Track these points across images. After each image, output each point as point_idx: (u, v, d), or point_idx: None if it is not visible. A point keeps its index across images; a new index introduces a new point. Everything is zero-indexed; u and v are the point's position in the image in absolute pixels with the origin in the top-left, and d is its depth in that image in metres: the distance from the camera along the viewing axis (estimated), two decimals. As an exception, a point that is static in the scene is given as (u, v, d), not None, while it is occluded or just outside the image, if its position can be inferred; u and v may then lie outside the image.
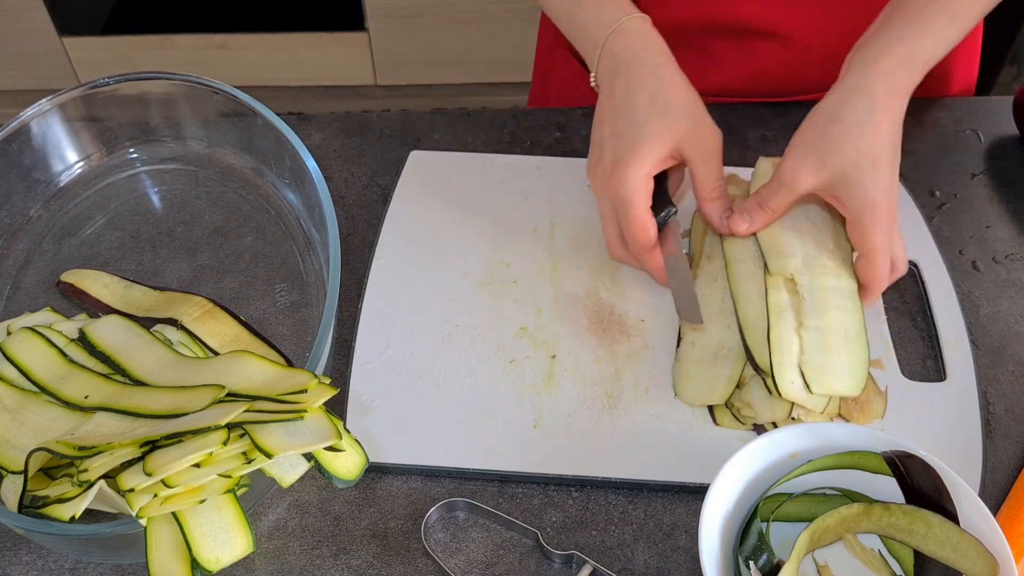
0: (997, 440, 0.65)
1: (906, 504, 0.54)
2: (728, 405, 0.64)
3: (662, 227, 0.68)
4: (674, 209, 0.68)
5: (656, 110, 0.65)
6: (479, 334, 0.68)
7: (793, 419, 0.62)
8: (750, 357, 0.63)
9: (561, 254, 0.74)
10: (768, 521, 0.54)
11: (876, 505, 0.55)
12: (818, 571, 0.57)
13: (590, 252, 0.74)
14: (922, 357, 0.69)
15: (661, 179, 0.68)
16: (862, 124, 0.61)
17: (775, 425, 0.63)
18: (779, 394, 0.61)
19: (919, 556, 0.55)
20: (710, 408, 0.65)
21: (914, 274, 0.73)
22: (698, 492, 0.60)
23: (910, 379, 0.67)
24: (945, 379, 0.67)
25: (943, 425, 0.64)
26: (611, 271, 0.73)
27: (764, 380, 0.62)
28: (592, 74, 0.70)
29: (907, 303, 0.72)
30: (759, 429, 0.63)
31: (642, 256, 0.67)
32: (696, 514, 0.55)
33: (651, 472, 0.61)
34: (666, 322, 0.70)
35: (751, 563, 0.52)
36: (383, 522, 0.61)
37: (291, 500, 0.61)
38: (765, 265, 0.66)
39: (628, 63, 0.67)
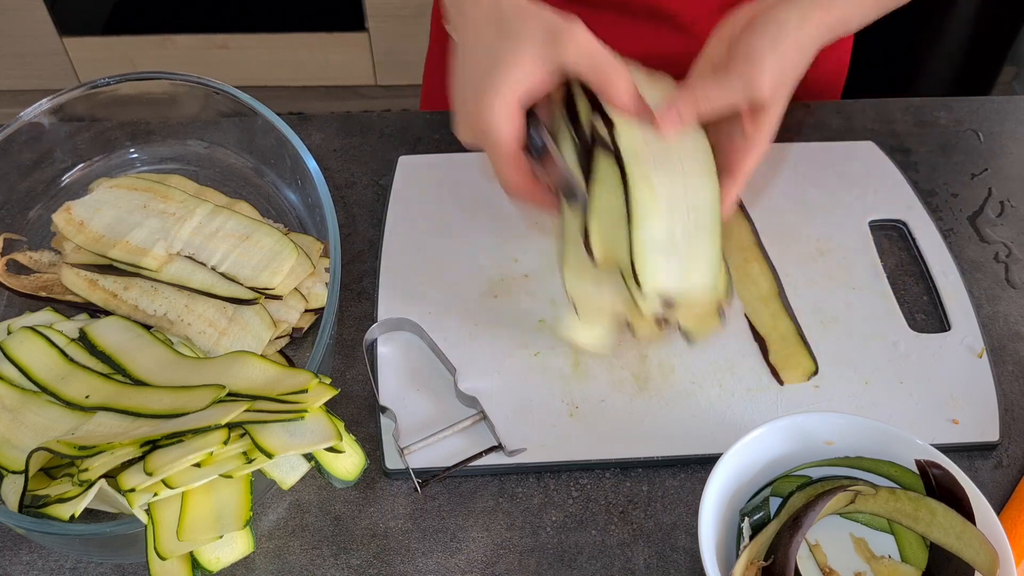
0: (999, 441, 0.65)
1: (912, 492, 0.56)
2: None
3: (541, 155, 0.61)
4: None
5: (504, 34, 0.58)
6: (500, 331, 0.69)
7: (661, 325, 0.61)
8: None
9: None
10: (784, 498, 0.57)
11: (883, 489, 0.56)
12: (810, 550, 0.58)
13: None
14: (925, 310, 0.72)
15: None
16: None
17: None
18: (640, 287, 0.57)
19: (933, 557, 0.56)
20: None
21: (905, 234, 0.77)
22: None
23: (918, 332, 0.70)
24: (950, 329, 0.70)
25: (956, 372, 0.67)
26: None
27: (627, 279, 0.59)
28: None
29: (904, 264, 0.75)
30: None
31: (523, 195, 0.60)
32: (696, 514, 0.55)
33: (692, 447, 0.63)
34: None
35: (747, 518, 0.56)
36: (383, 522, 0.61)
37: (291, 500, 0.61)
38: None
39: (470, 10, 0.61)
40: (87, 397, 0.57)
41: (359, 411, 0.65)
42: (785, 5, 0.59)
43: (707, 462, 0.57)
